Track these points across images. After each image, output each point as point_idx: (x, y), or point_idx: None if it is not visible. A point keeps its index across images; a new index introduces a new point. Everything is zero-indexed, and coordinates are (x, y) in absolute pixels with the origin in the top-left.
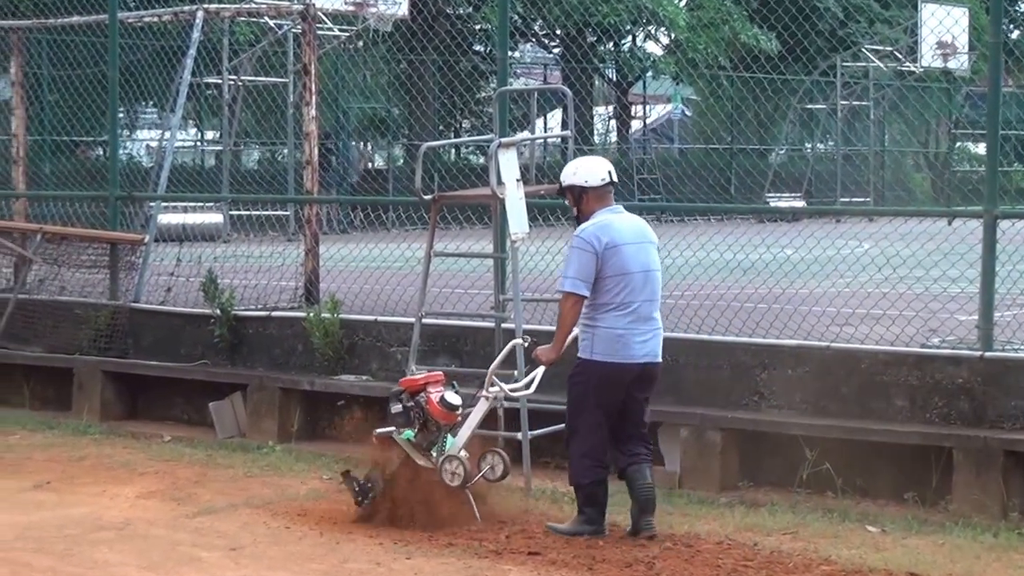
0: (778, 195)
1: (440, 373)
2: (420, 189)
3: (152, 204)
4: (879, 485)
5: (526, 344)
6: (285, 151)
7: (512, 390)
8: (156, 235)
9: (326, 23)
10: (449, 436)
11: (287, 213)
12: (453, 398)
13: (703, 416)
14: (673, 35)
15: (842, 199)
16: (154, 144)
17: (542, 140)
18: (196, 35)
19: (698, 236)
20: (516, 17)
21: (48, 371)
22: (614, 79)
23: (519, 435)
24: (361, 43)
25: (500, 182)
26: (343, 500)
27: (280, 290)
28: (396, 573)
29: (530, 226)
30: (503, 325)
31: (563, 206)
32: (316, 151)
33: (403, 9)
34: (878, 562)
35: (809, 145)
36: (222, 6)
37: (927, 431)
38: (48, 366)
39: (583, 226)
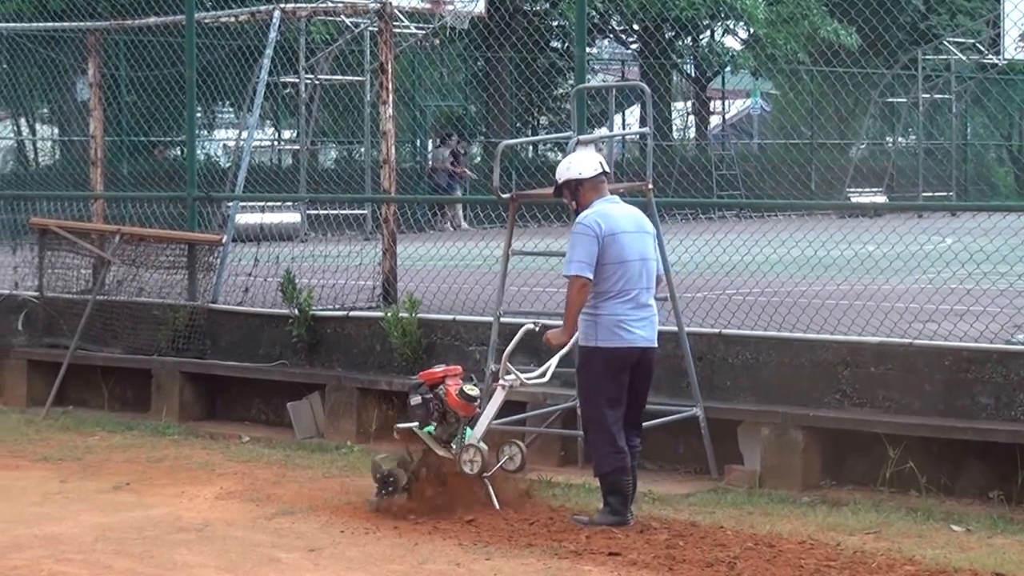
0: (859, 190)
1: (458, 367)
2: (498, 187)
3: (230, 204)
4: (963, 483)
5: (537, 329)
6: (362, 150)
7: (528, 379)
8: (234, 235)
9: (403, 21)
10: (468, 428)
11: (364, 212)
12: (471, 390)
13: (784, 414)
14: (752, 30)
15: (924, 194)
16: (231, 144)
17: (620, 137)
18: (273, 35)
19: (778, 232)
20: (593, 13)
21: (127, 372)
22: (692, 74)
23: None
24: (438, 41)
25: None
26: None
27: (358, 290)
28: (476, 574)
29: None
30: None
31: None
32: (393, 149)
33: (480, 6)
34: (963, 562)
35: (890, 139)
36: (299, 5)
37: (1012, 428)
38: (127, 367)
39: (584, 213)
